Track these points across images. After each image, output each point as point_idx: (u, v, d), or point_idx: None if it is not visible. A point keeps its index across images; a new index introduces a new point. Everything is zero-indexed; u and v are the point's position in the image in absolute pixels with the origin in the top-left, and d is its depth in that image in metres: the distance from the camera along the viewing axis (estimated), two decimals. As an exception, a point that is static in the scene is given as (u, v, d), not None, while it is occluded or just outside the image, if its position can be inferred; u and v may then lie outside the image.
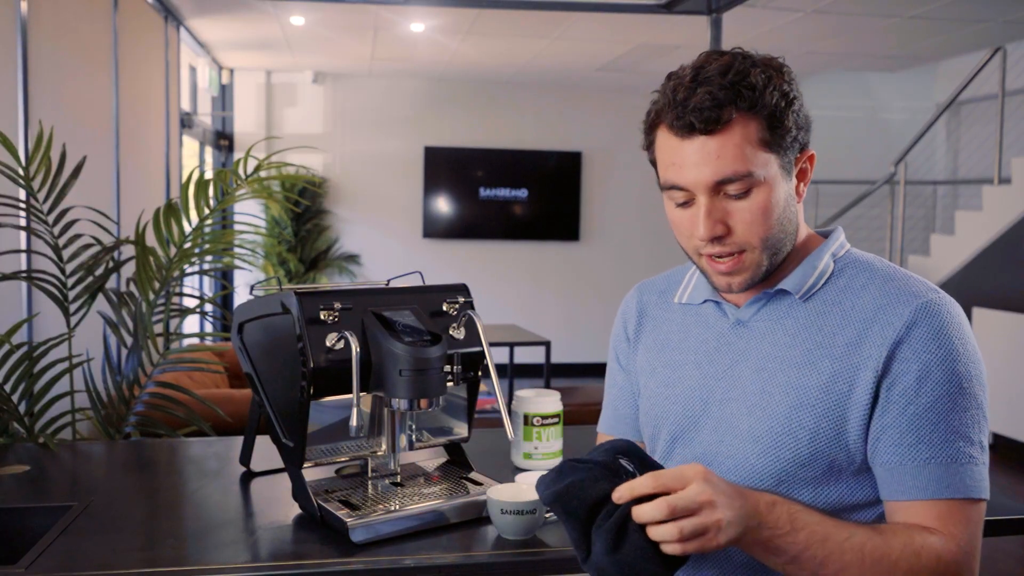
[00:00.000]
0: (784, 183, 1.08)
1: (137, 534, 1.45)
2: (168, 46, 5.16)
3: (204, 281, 6.17)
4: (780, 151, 1.06)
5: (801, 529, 0.96)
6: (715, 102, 1.01)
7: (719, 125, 1.02)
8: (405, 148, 7.55)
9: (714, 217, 1.06)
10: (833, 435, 1.05)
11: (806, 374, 1.07)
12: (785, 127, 1.05)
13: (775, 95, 1.04)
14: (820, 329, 1.09)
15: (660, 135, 1.09)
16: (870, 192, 6.12)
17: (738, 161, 1.03)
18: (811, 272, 1.12)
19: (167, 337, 2.64)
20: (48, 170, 2.42)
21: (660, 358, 1.23)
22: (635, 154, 7.51)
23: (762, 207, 1.05)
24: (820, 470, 1.06)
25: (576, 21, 5.27)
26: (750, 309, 1.15)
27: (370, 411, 1.57)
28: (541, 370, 5.32)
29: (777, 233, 1.08)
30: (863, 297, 1.08)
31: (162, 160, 5.11)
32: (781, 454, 1.07)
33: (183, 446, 2.01)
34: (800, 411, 1.06)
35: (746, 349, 1.14)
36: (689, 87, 1.04)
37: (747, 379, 1.12)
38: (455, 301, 1.57)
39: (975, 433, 1.03)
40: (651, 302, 1.30)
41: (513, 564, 1.34)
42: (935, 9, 4.91)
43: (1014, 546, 3.78)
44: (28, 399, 2.31)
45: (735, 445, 1.10)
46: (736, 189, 1.04)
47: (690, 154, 1.05)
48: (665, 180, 1.10)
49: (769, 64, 1.06)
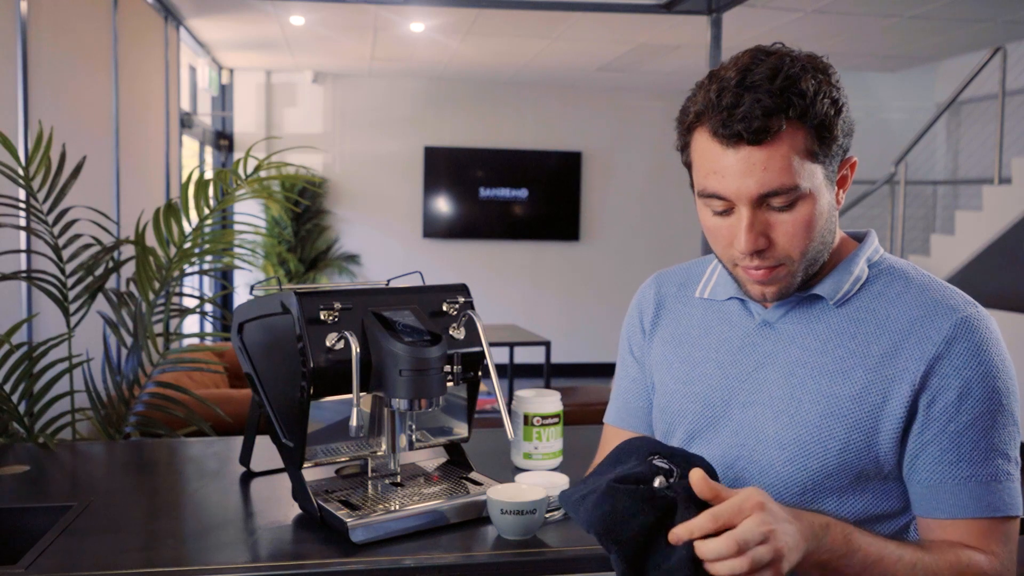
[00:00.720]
0: (828, 193, 1.04)
1: (137, 534, 1.45)
2: (168, 46, 5.16)
3: (204, 281, 6.17)
4: (826, 161, 1.01)
5: (857, 551, 0.94)
6: (764, 111, 0.96)
7: (768, 136, 0.97)
8: (405, 148, 7.55)
9: (756, 230, 1.01)
10: (863, 446, 1.03)
11: (838, 383, 1.04)
12: (833, 136, 1.00)
13: (825, 103, 0.98)
14: (853, 337, 1.06)
15: (700, 139, 1.03)
16: (870, 192, 6.12)
17: (784, 174, 0.98)
18: (846, 278, 1.09)
19: (167, 337, 2.64)
20: (48, 170, 2.42)
21: (677, 353, 1.20)
22: (635, 154, 7.52)
23: (806, 220, 1.01)
24: (847, 480, 1.04)
25: (576, 21, 5.27)
26: (778, 311, 1.12)
27: (370, 411, 1.57)
28: (541, 370, 5.32)
29: (817, 245, 1.05)
30: (899, 307, 1.06)
31: (162, 160, 5.11)
32: (809, 463, 1.04)
33: (183, 446, 2.01)
34: (831, 420, 1.04)
35: (773, 352, 1.10)
36: (736, 92, 0.97)
37: (773, 383, 1.09)
38: (455, 301, 1.57)
39: (1012, 449, 1.03)
40: (670, 294, 1.26)
41: (513, 564, 1.34)
42: (935, 9, 4.91)
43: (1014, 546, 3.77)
44: (28, 399, 2.31)
45: (759, 451, 1.08)
46: (780, 202, 1.00)
47: (734, 164, 0.99)
48: (704, 188, 1.03)
49: (816, 67, 1.01)
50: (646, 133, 7.84)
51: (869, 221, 6.76)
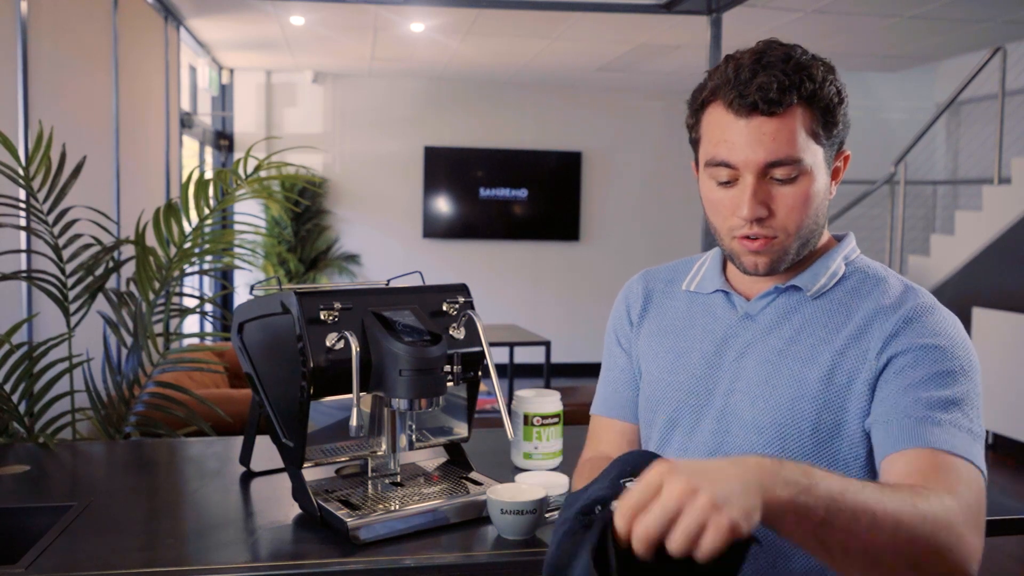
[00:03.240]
0: (825, 176, 1.11)
1: (137, 534, 1.45)
2: (168, 46, 5.16)
3: (204, 281, 6.17)
4: (827, 144, 1.10)
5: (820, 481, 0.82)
6: (780, 85, 1.04)
7: (781, 108, 1.04)
8: (405, 148, 7.55)
9: (759, 198, 1.08)
10: (834, 426, 1.07)
11: (808, 367, 1.10)
12: (836, 121, 1.09)
13: (831, 90, 1.07)
14: (825, 326, 1.12)
15: (713, 112, 1.10)
16: (870, 192, 6.12)
17: (791, 146, 1.06)
18: (824, 272, 1.16)
19: (167, 337, 2.64)
20: (48, 170, 2.42)
21: (663, 343, 1.24)
22: (635, 154, 7.52)
23: (804, 195, 1.08)
24: (824, 461, 1.08)
25: (576, 21, 5.27)
26: (760, 303, 1.17)
27: (370, 411, 1.57)
28: (541, 370, 5.32)
29: (811, 224, 1.11)
30: (868, 300, 1.13)
31: (162, 160, 5.11)
32: (786, 445, 1.09)
33: (183, 446, 2.01)
34: (802, 403, 1.09)
35: (753, 342, 1.16)
36: (752, 68, 1.06)
37: (752, 371, 1.14)
38: (455, 301, 1.57)
39: (973, 413, 1.03)
40: (657, 289, 1.31)
41: (513, 564, 1.34)
42: (935, 9, 4.91)
43: (1014, 546, 3.78)
44: (28, 399, 2.31)
45: (740, 436, 1.12)
46: (784, 173, 1.07)
47: (745, 133, 1.06)
48: (713, 156, 1.10)
49: (823, 61, 1.10)
50: (646, 133, 7.84)
51: (869, 221, 6.76)
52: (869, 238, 6.79)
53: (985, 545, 1.05)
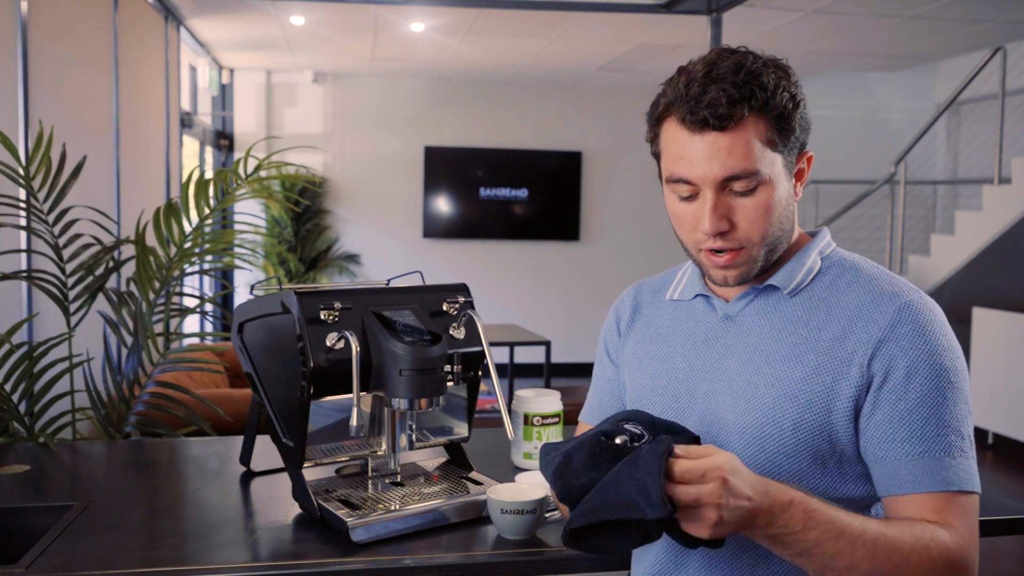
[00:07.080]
0: (786, 182, 1.11)
1: (137, 534, 1.45)
2: (168, 46, 5.16)
3: (204, 281, 6.17)
4: (784, 151, 1.09)
5: (814, 528, 0.96)
6: (729, 99, 1.03)
7: (732, 122, 1.04)
8: (405, 148, 7.55)
9: (719, 212, 1.08)
10: (816, 426, 1.07)
11: (791, 367, 1.10)
12: (791, 128, 1.08)
13: (784, 96, 1.06)
14: (806, 324, 1.12)
15: (668, 128, 1.10)
16: (870, 192, 6.12)
17: (747, 159, 1.05)
18: (799, 269, 1.15)
19: (167, 337, 2.64)
20: (48, 170, 2.42)
21: (648, 351, 1.25)
22: (635, 154, 7.53)
23: (765, 205, 1.08)
24: (805, 462, 1.08)
25: (576, 21, 5.28)
26: (739, 304, 1.17)
27: (370, 411, 1.57)
28: (541, 370, 5.32)
29: (776, 231, 1.11)
30: (848, 295, 1.12)
31: (162, 160, 5.11)
32: (766, 445, 1.09)
33: (183, 446, 2.01)
34: (784, 402, 1.08)
35: (733, 343, 1.16)
36: (703, 83, 1.05)
37: (733, 373, 1.14)
38: (455, 301, 1.57)
39: (964, 427, 1.06)
40: (646, 300, 1.32)
41: (513, 564, 1.34)
42: (935, 9, 4.91)
43: (1014, 546, 3.78)
44: (28, 399, 2.31)
45: (721, 437, 1.13)
46: (742, 186, 1.07)
47: (700, 149, 1.06)
48: (672, 173, 1.10)
49: (777, 65, 1.09)
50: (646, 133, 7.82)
51: (869, 221, 6.77)
52: (869, 238, 6.80)
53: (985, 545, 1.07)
